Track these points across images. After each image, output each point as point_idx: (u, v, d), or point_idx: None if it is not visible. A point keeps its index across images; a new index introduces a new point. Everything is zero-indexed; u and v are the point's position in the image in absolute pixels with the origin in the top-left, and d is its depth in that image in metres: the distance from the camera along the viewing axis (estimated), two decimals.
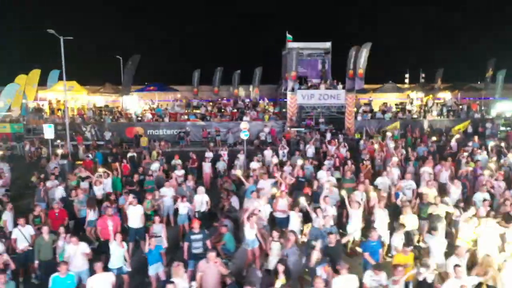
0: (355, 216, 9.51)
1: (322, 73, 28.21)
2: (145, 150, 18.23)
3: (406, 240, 8.24)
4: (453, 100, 29.36)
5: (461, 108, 27.36)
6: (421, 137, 20.77)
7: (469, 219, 8.72)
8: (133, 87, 29.33)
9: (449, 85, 31.80)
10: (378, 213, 9.60)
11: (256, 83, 30.69)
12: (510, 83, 31.45)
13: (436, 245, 8.06)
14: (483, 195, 10.52)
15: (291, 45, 26.17)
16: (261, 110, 26.64)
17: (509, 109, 27.80)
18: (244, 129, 17.74)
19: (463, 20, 54.83)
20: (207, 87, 32.43)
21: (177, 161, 15.49)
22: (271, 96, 31.82)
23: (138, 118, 24.48)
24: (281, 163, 15.01)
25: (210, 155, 16.32)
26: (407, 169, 13.46)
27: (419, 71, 38.58)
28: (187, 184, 12.36)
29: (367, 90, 28.33)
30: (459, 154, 15.44)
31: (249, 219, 8.78)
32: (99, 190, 12.17)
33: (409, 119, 25.18)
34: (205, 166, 15.52)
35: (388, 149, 16.61)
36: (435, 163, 14.23)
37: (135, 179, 12.96)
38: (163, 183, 12.36)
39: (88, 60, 42.29)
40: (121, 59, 30.58)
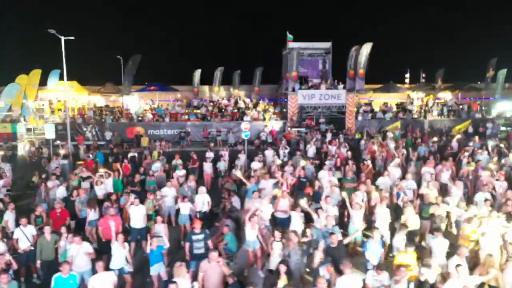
0: (356, 217, 9.49)
1: (322, 73, 28.15)
2: (146, 150, 18.23)
3: (407, 240, 8.24)
4: (453, 100, 29.31)
5: (462, 108, 27.32)
6: (422, 137, 20.75)
7: (470, 219, 8.72)
8: (134, 87, 29.30)
9: (450, 85, 31.80)
10: (379, 213, 9.62)
11: (256, 83, 30.70)
12: (510, 83, 31.47)
13: (438, 245, 8.06)
14: (485, 195, 10.52)
15: (291, 45, 26.14)
16: (261, 110, 26.66)
17: (509, 109, 27.74)
18: (245, 129, 17.75)
19: (463, 20, 54.88)
20: (208, 87, 32.44)
21: (178, 161, 15.50)
22: (272, 96, 31.78)
23: (139, 118, 24.47)
24: (282, 163, 15.03)
25: (211, 155, 16.30)
26: (409, 169, 13.47)
27: (420, 71, 38.61)
28: (188, 184, 12.36)
29: (368, 90, 28.30)
30: (460, 154, 15.43)
31: (250, 219, 8.78)
32: (100, 190, 12.17)
33: (410, 119, 25.16)
34: (206, 166, 15.50)
35: (389, 149, 16.64)
36: (436, 163, 14.23)
37: (136, 179, 12.97)
38: (165, 183, 12.37)
39: (88, 60, 42.33)
40: (122, 59, 30.62)
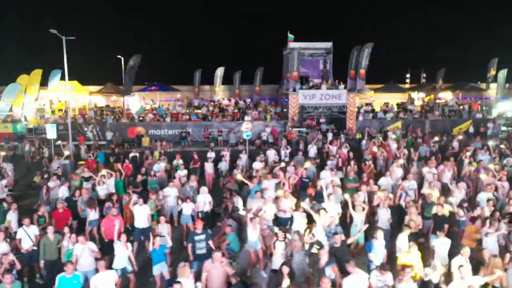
0: (359, 218, 9.43)
1: (323, 73, 28.12)
2: (147, 150, 18.22)
3: (410, 240, 8.24)
4: (454, 100, 29.32)
5: (463, 108, 27.32)
6: (423, 137, 20.74)
7: (474, 219, 8.72)
8: (135, 87, 29.31)
9: (450, 85, 31.80)
10: (381, 213, 9.61)
11: (257, 83, 30.70)
12: (511, 83, 31.47)
13: (440, 245, 8.06)
14: (487, 195, 10.51)
15: (292, 45, 26.12)
16: (262, 110, 26.66)
17: (510, 109, 27.73)
18: (246, 129, 17.74)
19: (463, 20, 54.81)
20: (208, 87, 32.43)
21: (179, 161, 15.50)
22: (272, 96, 31.79)
23: (139, 118, 24.47)
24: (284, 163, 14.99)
25: (212, 155, 16.28)
26: (411, 169, 13.47)
27: (421, 71, 38.57)
28: (190, 184, 12.36)
29: (369, 90, 28.30)
30: (462, 154, 15.42)
31: (252, 220, 8.77)
32: (102, 190, 12.17)
33: (411, 119, 25.16)
34: (207, 166, 15.49)
35: (390, 149, 16.63)
36: (438, 163, 14.23)
37: (138, 180, 12.95)
38: (166, 184, 12.35)
39: (88, 60, 42.27)
40: (122, 59, 30.64)
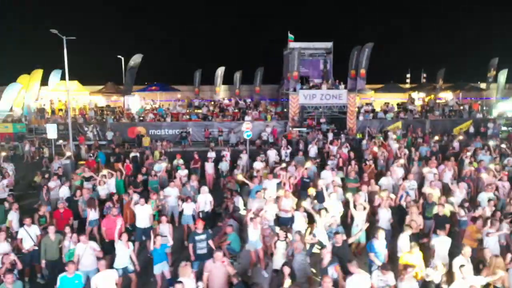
0: (360, 218, 9.43)
1: (323, 73, 28.13)
2: (147, 150, 18.22)
3: (412, 240, 8.23)
4: (454, 100, 29.32)
5: (463, 108, 27.33)
6: (423, 137, 20.74)
7: (475, 219, 8.72)
8: (135, 87, 29.29)
9: (451, 85, 31.78)
10: (382, 213, 9.61)
11: (257, 83, 30.69)
12: (511, 83, 31.47)
13: (440, 244, 8.06)
14: (488, 195, 10.51)
15: (292, 45, 26.12)
16: (263, 110, 26.65)
17: (510, 109, 27.74)
18: (246, 129, 17.74)
19: (463, 20, 54.75)
20: (209, 87, 32.43)
21: (179, 161, 15.50)
22: (273, 96, 31.79)
23: (140, 118, 24.47)
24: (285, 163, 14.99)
25: (212, 155, 16.28)
26: (412, 169, 13.47)
27: (421, 71, 38.49)
28: (191, 184, 12.36)
29: (369, 90, 28.29)
30: (462, 154, 15.43)
31: (252, 220, 8.77)
32: (103, 190, 12.17)
33: (411, 119, 25.16)
34: (208, 166, 15.48)
35: (391, 149, 16.63)
36: (438, 163, 14.22)
37: (139, 180, 12.95)
38: (167, 183, 12.35)
39: (89, 60, 42.25)
40: (122, 59, 30.62)
